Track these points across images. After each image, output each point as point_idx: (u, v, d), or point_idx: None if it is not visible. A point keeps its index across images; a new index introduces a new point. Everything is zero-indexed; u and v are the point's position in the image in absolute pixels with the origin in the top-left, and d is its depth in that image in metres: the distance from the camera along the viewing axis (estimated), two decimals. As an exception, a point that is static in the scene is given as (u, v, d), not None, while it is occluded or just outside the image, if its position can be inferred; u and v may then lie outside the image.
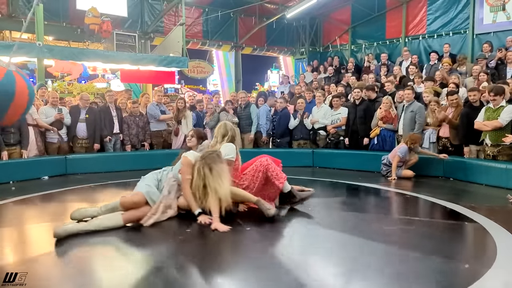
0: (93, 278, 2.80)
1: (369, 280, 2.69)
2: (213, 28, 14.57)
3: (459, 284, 2.66)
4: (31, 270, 2.77)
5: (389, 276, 2.75)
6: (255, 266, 2.94)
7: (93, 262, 3.16)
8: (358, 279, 2.73)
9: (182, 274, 2.80)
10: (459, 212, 4.48)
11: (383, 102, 7.48)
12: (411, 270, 2.88)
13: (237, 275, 2.85)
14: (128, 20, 12.26)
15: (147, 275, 2.78)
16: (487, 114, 6.19)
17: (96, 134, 7.79)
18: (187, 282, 2.69)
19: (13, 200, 5.27)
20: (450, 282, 2.69)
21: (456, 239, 3.77)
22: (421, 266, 2.92)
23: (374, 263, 2.99)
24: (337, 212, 4.84)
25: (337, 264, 3.03)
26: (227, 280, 2.76)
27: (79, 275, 2.82)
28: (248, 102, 8.75)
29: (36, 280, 2.64)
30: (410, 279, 2.70)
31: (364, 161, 7.51)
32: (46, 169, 7.08)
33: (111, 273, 2.88)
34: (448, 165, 6.67)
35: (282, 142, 8.53)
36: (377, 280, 2.69)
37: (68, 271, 2.90)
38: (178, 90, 17.64)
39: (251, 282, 2.71)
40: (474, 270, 2.82)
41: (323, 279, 2.72)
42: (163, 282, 2.65)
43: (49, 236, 3.48)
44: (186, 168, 4.05)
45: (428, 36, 12.86)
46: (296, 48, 16.37)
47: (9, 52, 8.83)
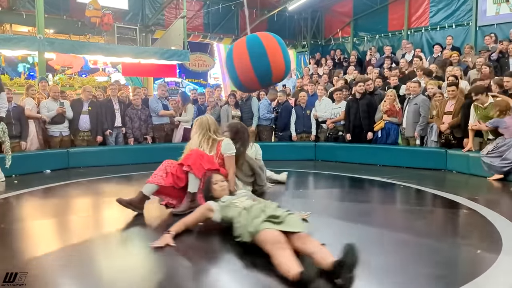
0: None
1: (379, 267, 2.67)
2: (214, 21, 14.51)
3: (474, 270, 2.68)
4: (35, 269, 2.77)
5: (400, 263, 2.74)
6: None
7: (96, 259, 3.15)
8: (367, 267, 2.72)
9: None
10: (462, 204, 4.48)
11: (387, 95, 7.44)
12: (422, 256, 2.88)
13: (231, 261, 2.86)
14: (129, 13, 12.22)
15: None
16: (478, 112, 6.18)
17: (98, 127, 7.78)
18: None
19: (16, 193, 5.26)
20: (465, 268, 2.71)
21: (461, 227, 3.81)
22: (433, 253, 2.92)
23: (384, 250, 2.98)
24: (337, 202, 4.83)
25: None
26: (227, 266, 2.76)
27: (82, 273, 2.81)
28: (249, 95, 8.72)
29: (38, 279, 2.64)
30: (424, 265, 2.69)
31: (367, 154, 7.50)
32: (49, 162, 7.07)
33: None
34: (450, 158, 6.66)
35: (284, 135, 8.51)
36: (388, 266, 2.68)
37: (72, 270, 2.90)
38: (179, 83, 17.60)
39: (252, 269, 2.70)
40: (486, 256, 2.87)
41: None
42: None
43: (52, 232, 3.47)
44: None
45: (430, 28, 12.80)
46: (297, 41, 16.30)
47: (10, 45, 8.85)
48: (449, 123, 6.72)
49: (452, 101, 6.77)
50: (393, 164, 7.10)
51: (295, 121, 8.39)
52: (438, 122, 6.90)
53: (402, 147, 7.43)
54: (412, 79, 7.77)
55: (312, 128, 8.34)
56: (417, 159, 6.97)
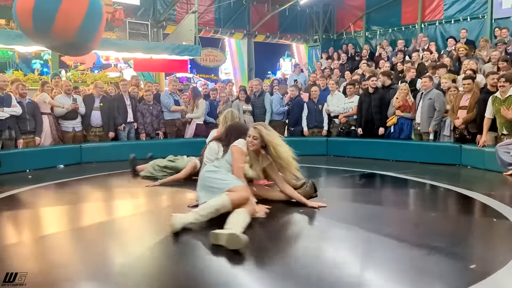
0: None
1: (403, 261, 2.64)
2: (226, 16, 14.47)
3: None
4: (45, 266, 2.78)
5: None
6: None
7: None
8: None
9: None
10: (480, 201, 4.39)
11: (400, 89, 7.34)
12: (434, 250, 2.84)
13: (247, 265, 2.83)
14: (141, 9, 12.23)
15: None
16: (496, 105, 6.05)
17: (110, 123, 7.82)
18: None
19: (30, 188, 5.32)
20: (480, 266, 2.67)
21: (477, 225, 3.73)
22: (443, 250, 2.87)
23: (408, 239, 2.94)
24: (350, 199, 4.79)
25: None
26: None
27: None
28: (262, 90, 8.69)
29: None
30: (435, 261, 2.65)
31: (379, 149, 7.42)
32: (62, 157, 7.16)
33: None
34: (465, 153, 6.56)
35: (296, 130, 8.46)
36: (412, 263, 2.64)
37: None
38: (190, 79, 17.64)
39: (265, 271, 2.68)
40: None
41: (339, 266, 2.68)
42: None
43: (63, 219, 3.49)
44: (239, 156, 3.95)
45: (445, 21, 12.60)
46: (309, 36, 16.18)
47: (22, 42, 8.91)
48: (463, 118, 6.61)
49: (468, 95, 6.65)
50: (406, 159, 7.02)
51: (307, 116, 8.35)
52: (452, 117, 6.80)
53: (415, 142, 7.33)
54: (426, 74, 7.66)
55: (324, 123, 8.29)
56: (430, 154, 6.88)
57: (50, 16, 3.66)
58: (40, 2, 3.64)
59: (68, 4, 3.69)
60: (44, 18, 3.69)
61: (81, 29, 3.85)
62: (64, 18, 3.65)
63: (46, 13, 3.65)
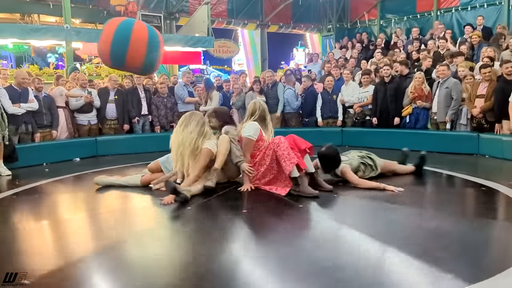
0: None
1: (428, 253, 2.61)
2: (238, 6, 14.41)
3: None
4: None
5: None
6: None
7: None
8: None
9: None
10: (502, 192, 4.29)
11: (415, 77, 7.22)
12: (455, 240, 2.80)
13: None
14: (153, 1, 12.23)
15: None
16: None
17: (125, 115, 7.87)
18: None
19: (48, 181, 5.40)
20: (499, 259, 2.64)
21: (497, 215, 3.66)
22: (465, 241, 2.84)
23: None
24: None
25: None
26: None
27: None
28: (275, 81, 8.64)
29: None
30: (454, 252, 2.62)
31: (395, 140, 7.33)
32: (78, 151, 7.24)
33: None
34: (483, 142, 6.45)
35: (310, 121, 8.41)
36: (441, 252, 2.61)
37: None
38: (204, 70, 17.62)
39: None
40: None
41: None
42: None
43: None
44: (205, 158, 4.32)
45: (461, 8, 12.35)
46: (323, 25, 16.02)
47: (38, 35, 9.00)
48: (481, 107, 6.49)
49: (485, 84, 6.52)
50: (423, 149, 6.92)
51: (321, 106, 8.29)
52: (469, 105, 6.68)
53: (432, 132, 7.23)
54: (442, 62, 7.52)
55: (338, 113, 8.22)
56: (448, 143, 6.78)
57: (122, 57, 5.07)
58: (114, 48, 5.02)
59: (133, 48, 5.01)
60: (118, 59, 5.13)
61: (146, 61, 5.20)
62: (131, 56, 5.05)
63: (119, 56, 5.07)
